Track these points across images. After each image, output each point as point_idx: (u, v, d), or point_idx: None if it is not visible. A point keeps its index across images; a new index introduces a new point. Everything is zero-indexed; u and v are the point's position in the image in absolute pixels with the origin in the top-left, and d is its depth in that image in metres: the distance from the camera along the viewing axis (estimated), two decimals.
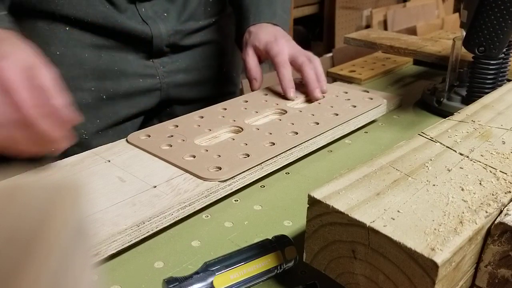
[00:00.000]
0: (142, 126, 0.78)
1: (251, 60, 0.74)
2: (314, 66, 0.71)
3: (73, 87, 0.69)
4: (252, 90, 0.73)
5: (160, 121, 0.67)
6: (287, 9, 0.81)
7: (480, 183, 0.34)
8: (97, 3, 0.67)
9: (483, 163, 0.37)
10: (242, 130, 0.59)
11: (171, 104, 0.80)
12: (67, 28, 0.68)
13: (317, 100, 0.68)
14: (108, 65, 0.71)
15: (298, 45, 0.74)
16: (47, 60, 0.68)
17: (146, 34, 0.70)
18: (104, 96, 0.72)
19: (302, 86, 0.74)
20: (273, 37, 0.73)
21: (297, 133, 0.58)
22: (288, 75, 0.70)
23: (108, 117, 0.73)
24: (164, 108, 0.80)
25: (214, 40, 0.80)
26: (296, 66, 0.70)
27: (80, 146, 0.62)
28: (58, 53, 0.68)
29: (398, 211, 0.30)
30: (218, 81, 0.83)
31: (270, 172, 0.54)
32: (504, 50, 0.63)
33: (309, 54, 0.72)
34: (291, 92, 0.69)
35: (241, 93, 0.89)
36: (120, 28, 0.68)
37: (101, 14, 0.67)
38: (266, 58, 0.76)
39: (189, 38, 0.76)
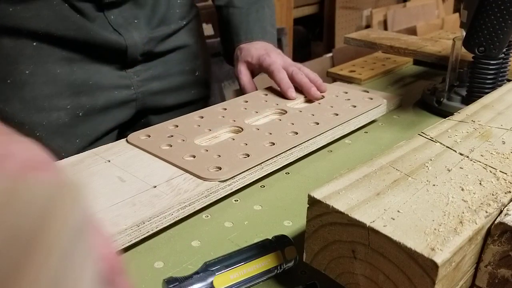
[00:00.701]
0: (117, 140, 0.74)
1: (245, 76, 0.75)
2: (305, 73, 0.72)
3: (47, 107, 0.65)
4: None
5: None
6: (274, 22, 0.82)
7: (480, 183, 0.34)
8: (66, 14, 0.63)
9: (483, 163, 0.37)
10: (242, 130, 0.59)
11: (146, 114, 0.78)
12: (35, 44, 0.63)
13: (316, 100, 0.68)
14: (83, 79, 0.67)
15: (288, 58, 0.75)
16: (17, 80, 0.63)
17: (120, 44, 0.67)
18: (81, 113, 0.68)
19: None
20: (264, 51, 0.74)
21: (297, 133, 0.58)
22: (285, 77, 0.70)
23: (87, 135, 0.69)
24: (139, 120, 0.78)
25: (186, 43, 0.79)
26: (288, 76, 0.71)
27: None
28: (27, 72, 0.63)
29: (398, 211, 0.30)
30: (192, 86, 0.81)
31: (270, 172, 0.54)
32: (504, 50, 0.63)
33: (299, 65, 0.74)
34: (292, 92, 0.69)
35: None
36: (93, 39, 0.65)
37: (71, 26, 0.63)
38: (259, 72, 0.77)
39: (162, 44, 0.74)
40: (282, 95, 0.70)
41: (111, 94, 0.70)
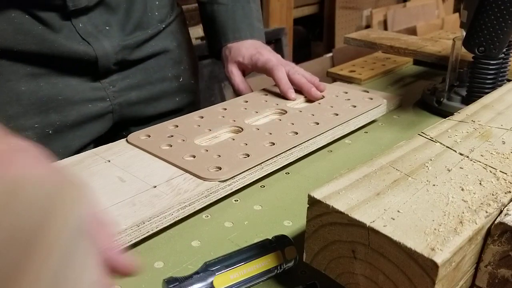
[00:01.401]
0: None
1: (236, 77, 0.74)
2: (302, 74, 0.71)
3: (13, 128, 0.60)
4: None
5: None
6: (260, 16, 0.80)
7: (480, 183, 0.34)
8: (27, 27, 0.58)
9: (483, 163, 0.37)
10: (242, 130, 0.59)
11: (126, 126, 0.73)
12: None
13: (317, 100, 0.68)
14: (51, 95, 0.62)
15: (279, 55, 0.75)
16: None
17: (89, 55, 0.62)
18: (51, 131, 0.63)
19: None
20: (255, 49, 0.73)
21: (297, 133, 0.58)
22: (284, 77, 0.70)
23: (59, 153, 0.64)
24: (119, 131, 0.72)
25: (167, 48, 0.73)
26: None
27: None
28: None
29: (398, 211, 0.30)
30: (176, 93, 0.76)
31: (270, 172, 0.54)
32: (504, 50, 0.63)
33: (292, 64, 0.74)
34: (292, 93, 0.69)
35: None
36: (58, 52, 0.60)
37: (33, 39, 0.58)
38: (251, 71, 0.76)
39: (138, 51, 0.69)
40: (281, 95, 0.70)
41: (83, 108, 0.65)
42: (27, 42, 0.58)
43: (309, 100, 0.69)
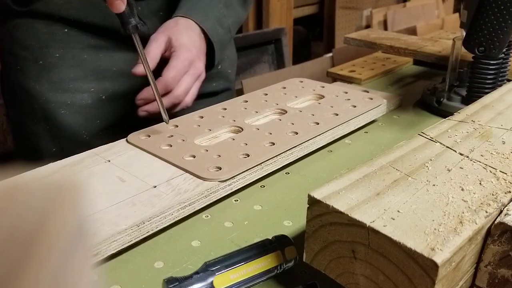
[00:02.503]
0: (142, 126, 0.77)
1: (155, 48, 0.65)
2: (184, 84, 0.64)
3: (72, 89, 0.70)
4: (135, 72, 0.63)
5: (160, 121, 0.67)
6: (227, 24, 0.75)
7: (480, 183, 0.34)
8: (95, 2, 0.66)
9: (483, 163, 0.37)
10: (242, 130, 0.59)
11: None
12: (66, 30, 0.68)
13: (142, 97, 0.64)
14: (107, 65, 0.71)
15: (200, 62, 0.67)
16: (47, 62, 0.69)
17: (143, 33, 0.68)
18: (104, 97, 0.71)
19: (302, 89, 0.74)
20: (189, 39, 0.66)
21: (297, 133, 0.58)
22: (175, 75, 0.63)
23: (108, 118, 0.72)
24: None
25: None
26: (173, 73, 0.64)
27: (80, 146, 0.62)
28: (57, 55, 0.68)
29: (398, 211, 0.30)
30: (214, 78, 0.82)
31: (270, 172, 0.54)
32: (504, 50, 0.63)
33: (198, 73, 0.66)
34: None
35: (242, 92, 0.88)
36: (118, 27, 0.66)
37: (99, 13, 0.66)
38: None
39: None
40: (282, 95, 0.70)
41: (134, 81, 0.71)
42: (94, 16, 0.67)
43: (309, 100, 0.69)
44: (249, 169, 0.51)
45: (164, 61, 0.65)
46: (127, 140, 0.57)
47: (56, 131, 0.71)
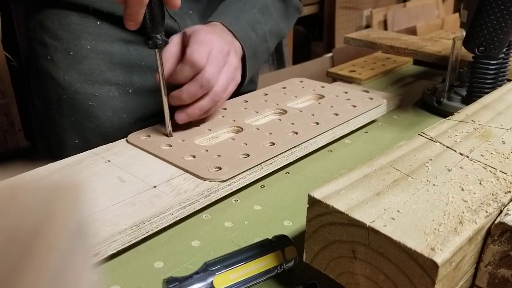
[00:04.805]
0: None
1: (172, 47, 0.60)
2: (212, 94, 0.57)
3: (101, 81, 0.71)
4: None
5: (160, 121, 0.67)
6: (258, 28, 0.71)
7: (480, 183, 0.34)
8: None
9: (483, 163, 0.37)
10: (242, 130, 0.59)
11: None
12: (98, 23, 0.69)
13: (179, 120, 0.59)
14: (136, 60, 0.71)
15: (233, 66, 0.60)
16: (78, 53, 0.69)
17: (174, 31, 0.69)
18: (131, 90, 0.72)
19: (302, 89, 0.74)
20: (216, 35, 0.60)
21: (297, 133, 0.58)
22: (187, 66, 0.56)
23: (133, 112, 0.73)
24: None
25: None
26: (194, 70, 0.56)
27: (104, 139, 0.62)
28: (88, 47, 0.69)
29: (398, 211, 0.30)
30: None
31: (270, 172, 0.54)
32: (504, 50, 0.63)
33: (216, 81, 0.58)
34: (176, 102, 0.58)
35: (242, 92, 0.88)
36: None
37: None
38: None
39: None
40: (282, 95, 0.70)
41: None
42: None
43: (309, 100, 0.69)
44: (249, 169, 0.51)
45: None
46: (127, 140, 0.57)
47: (82, 123, 0.71)
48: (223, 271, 0.36)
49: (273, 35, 0.76)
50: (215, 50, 0.57)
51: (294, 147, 0.56)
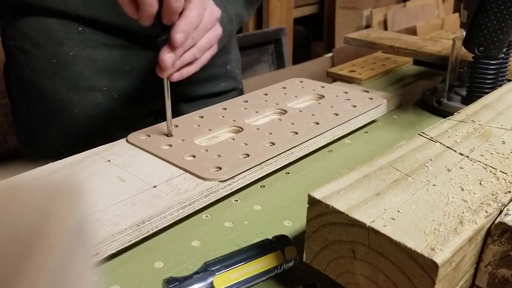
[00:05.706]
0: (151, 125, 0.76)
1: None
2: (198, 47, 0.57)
3: (86, 87, 0.70)
4: None
5: (161, 121, 0.67)
6: (237, 12, 0.75)
7: (480, 183, 0.34)
8: (111, 1, 0.64)
9: (483, 163, 0.37)
10: (242, 130, 0.59)
11: (177, 102, 0.78)
12: (80, 29, 0.68)
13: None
14: (120, 64, 0.71)
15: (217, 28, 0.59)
16: (61, 60, 0.69)
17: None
18: (116, 96, 0.71)
19: (302, 89, 0.74)
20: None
21: (297, 133, 0.58)
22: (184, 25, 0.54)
23: (119, 117, 0.72)
24: (172, 106, 0.77)
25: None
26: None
27: (90, 145, 0.61)
28: (71, 53, 0.68)
29: (398, 211, 0.30)
30: (222, 79, 0.83)
31: (270, 172, 0.54)
32: (504, 50, 0.63)
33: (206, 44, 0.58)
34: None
35: (242, 92, 0.88)
36: (134, 26, 0.64)
37: (116, 13, 0.65)
38: None
39: None
40: (282, 95, 0.70)
41: (146, 81, 0.72)
42: (109, 15, 0.66)
43: (309, 100, 0.69)
44: (249, 169, 0.51)
45: None
46: (127, 140, 0.57)
47: (68, 130, 0.71)
48: (223, 271, 0.36)
49: (238, 19, 0.79)
50: (208, 10, 0.57)
51: (294, 147, 0.56)
